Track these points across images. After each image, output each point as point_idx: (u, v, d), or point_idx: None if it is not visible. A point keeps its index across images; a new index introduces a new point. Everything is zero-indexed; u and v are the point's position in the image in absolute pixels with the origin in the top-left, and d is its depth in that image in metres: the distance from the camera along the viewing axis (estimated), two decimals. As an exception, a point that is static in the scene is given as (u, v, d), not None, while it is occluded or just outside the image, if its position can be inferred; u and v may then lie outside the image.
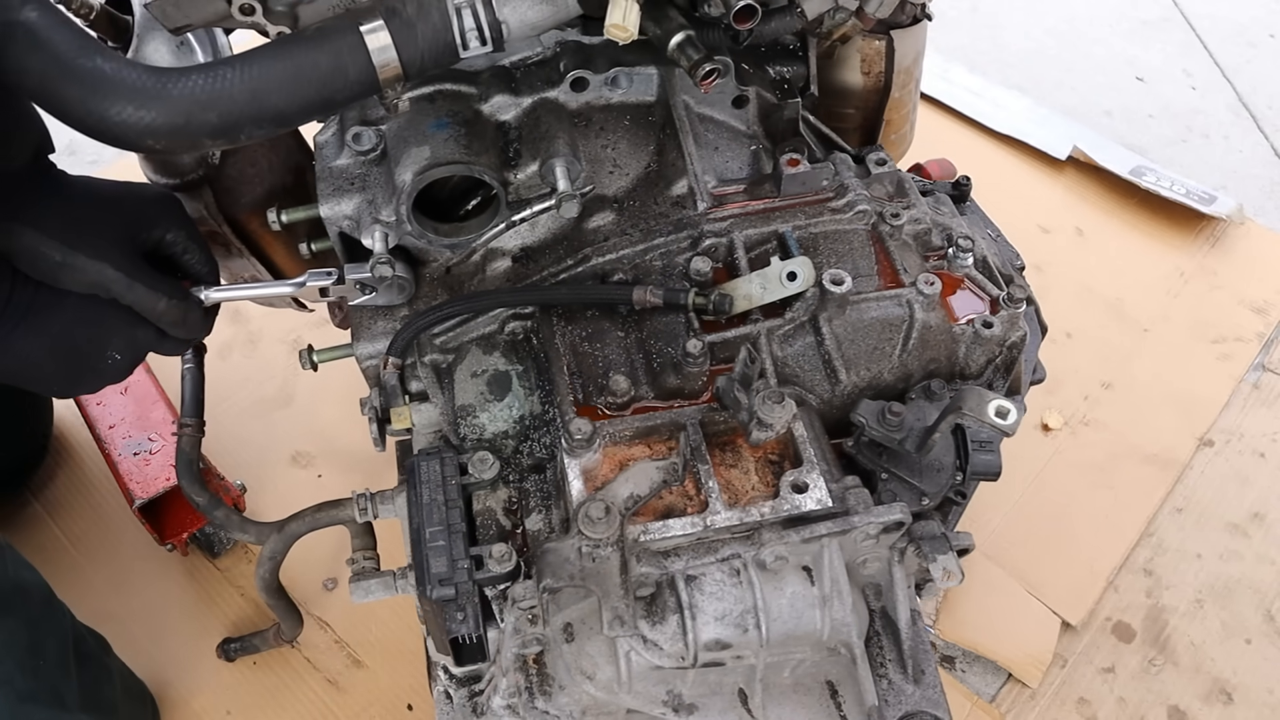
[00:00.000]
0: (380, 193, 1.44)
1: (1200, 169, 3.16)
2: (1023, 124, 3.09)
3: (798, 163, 1.47)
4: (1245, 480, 2.33)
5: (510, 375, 1.43)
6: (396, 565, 1.41)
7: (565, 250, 1.48)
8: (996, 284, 1.46)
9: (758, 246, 1.44)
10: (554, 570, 1.14)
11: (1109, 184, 2.95)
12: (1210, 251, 2.80)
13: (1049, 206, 2.91)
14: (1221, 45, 3.60)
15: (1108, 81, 3.45)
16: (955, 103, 3.15)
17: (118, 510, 2.10)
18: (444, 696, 1.43)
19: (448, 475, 1.30)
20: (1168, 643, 2.07)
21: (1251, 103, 3.39)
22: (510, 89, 1.45)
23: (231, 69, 1.13)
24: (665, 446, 1.27)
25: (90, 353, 1.36)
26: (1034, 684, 2.01)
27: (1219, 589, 2.15)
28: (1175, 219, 2.86)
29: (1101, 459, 2.35)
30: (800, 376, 1.37)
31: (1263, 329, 2.62)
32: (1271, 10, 3.76)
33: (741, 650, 1.18)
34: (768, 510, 1.18)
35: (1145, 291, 2.70)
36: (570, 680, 1.22)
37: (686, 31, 1.25)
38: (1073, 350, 2.53)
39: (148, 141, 1.12)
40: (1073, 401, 2.45)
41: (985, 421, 1.19)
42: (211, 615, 2.08)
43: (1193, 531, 2.24)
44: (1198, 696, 2.00)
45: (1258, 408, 2.47)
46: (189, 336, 1.44)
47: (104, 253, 1.29)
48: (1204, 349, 2.58)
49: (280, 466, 2.30)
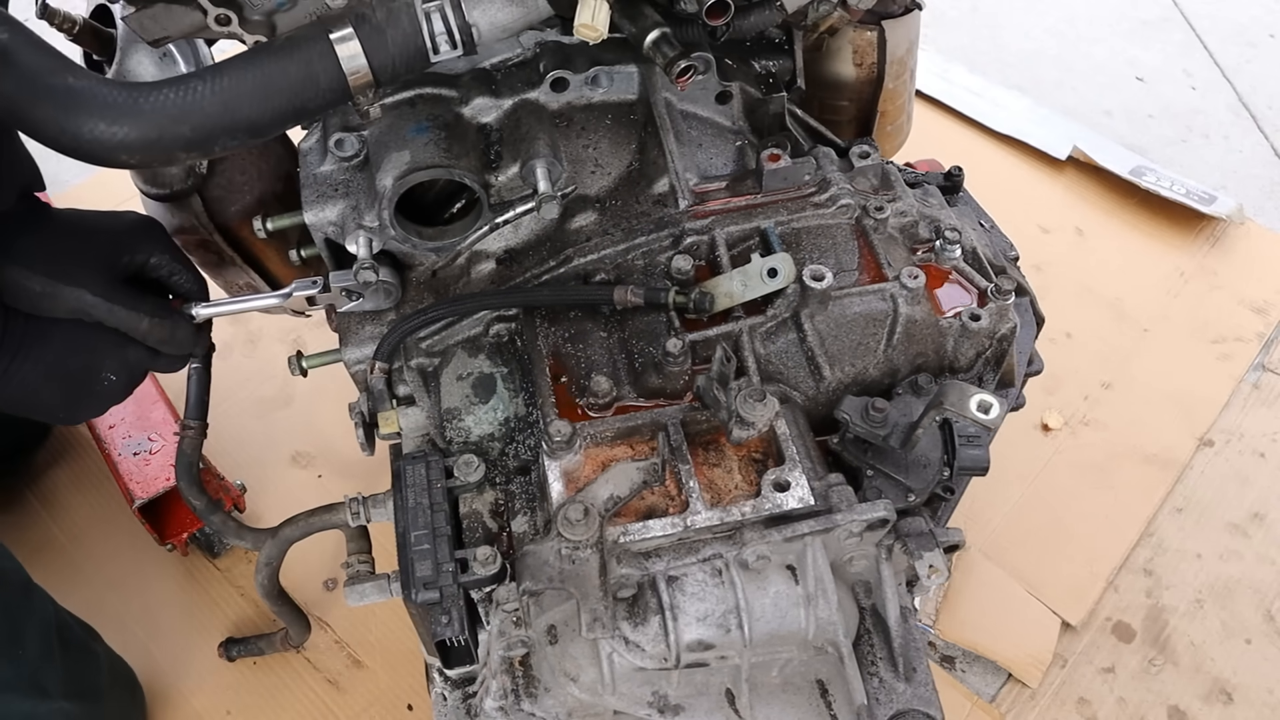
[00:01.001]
0: (363, 198, 1.44)
1: (1200, 169, 3.15)
2: (1023, 124, 3.09)
3: (779, 158, 1.47)
4: (1245, 480, 2.32)
5: (495, 378, 1.43)
6: (391, 568, 1.41)
7: (548, 251, 1.48)
8: (986, 276, 1.46)
9: (740, 244, 1.43)
10: (533, 573, 1.14)
11: (1109, 184, 2.94)
12: (1210, 251, 2.80)
13: (1049, 206, 2.90)
14: (1221, 45, 3.59)
15: (1108, 81, 3.44)
16: (955, 103, 3.15)
17: (118, 510, 2.10)
18: (440, 698, 1.43)
19: (433, 479, 1.31)
20: (1168, 643, 2.07)
21: (1251, 103, 3.38)
22: (491, 91, 1.45)
23: (202, 81, 1.13)
24: (648, 447, 1.27)
25: (85, 377, 1.39)
26: (1034, 684, 2.01)
27: (1219, 589, 2.14)
28: (1175, 219, 2.85)
29: (1101, 459, 2.34)
30: (784, 374, 1.36)
31: (1263, 329, 2.61)
32: (1271, 10, 3.74)
33: (725, 651, 1.17)
34: (749, 510, 1.18)
35: (1145, 291, 2.69)
36: (555, 682, 1.21)
37: (661, 29, 1.24)
38: (1073, 350, 2.53)
39: (121, 157, 1.12)
40: (1073, 401, 2.45)
41: (967, 416, 1.18)
42: (211, 615, 2.09)
43: (1193, 531, 2.23)
44: (1198, 696, 1.99)
45: (1258, 408, 2.46)
46: (179, 352, 1.46)
47: (82, 279, 1.32)
48: (1204, 349, 2.57)
49: (280, 467, 2.31)
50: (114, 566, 2.14)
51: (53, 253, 1.32)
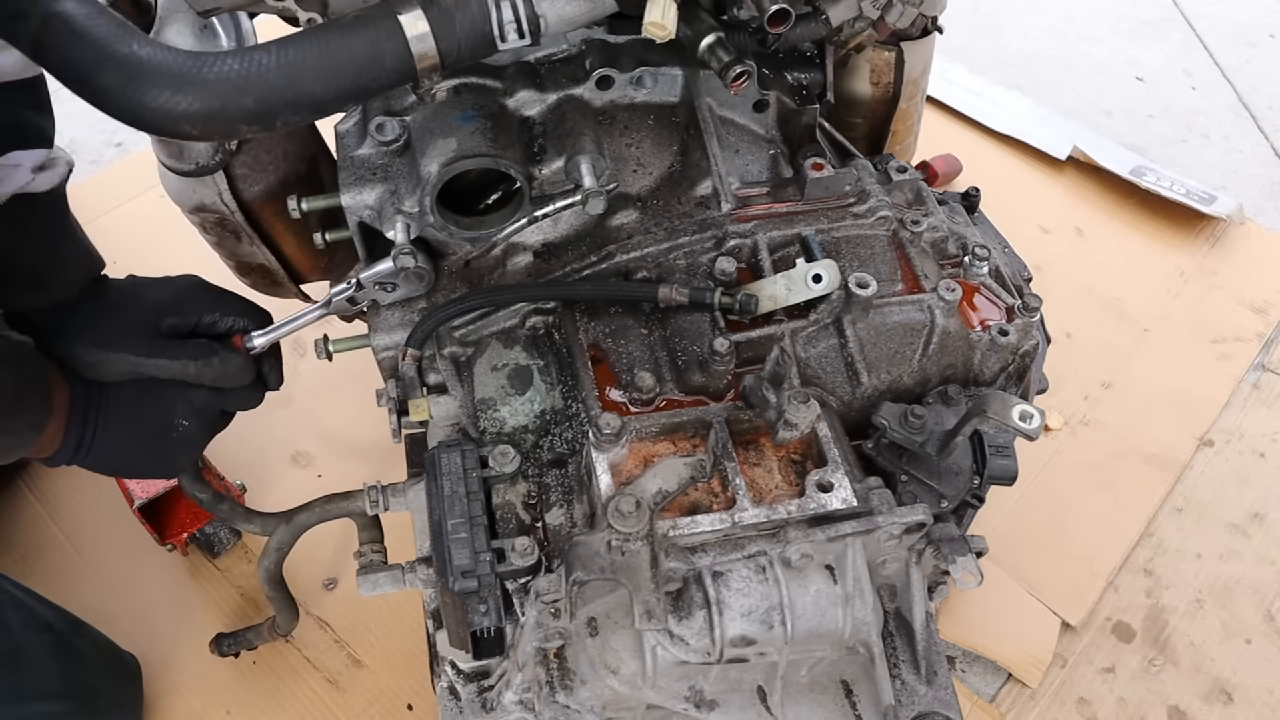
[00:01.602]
0: (403, 184, 1.44)
1: (1200, 169, 3.17)
2: (1023, 124, 3.09)
3: (822, 167, 1.49)
4: (1245, 480, 2.34)
5: (532, 370, 1.43)
6: (404, 559, 1.42)
7: (588, 247, 1.49)
8: (1010, 293, 1.48)
9: (781, 249, 1.45)
10: (585, 563, 1.15)
11: (1109, 184, 2.95)
12: (1210, 251, 2.81)
13: (1049, 206, 2.91)
14: (1221, 45, 3.61)
15: (1108, 81, 3.46)
16: (955, 103, 3.15)
17: (118, 510, 2.09)
18: (448, 693, 1.43)
19: (469, 467, 1.30)
20: (1168, 643, 2.09)
21: (1251, 103, 3.40)
22: (535, 85, 1.46)
23: (267, 54, 1.11)
24: (689, 444, 1.28)
25: (159, 429, 1.47)
26: (1034, 684, 2.02)
27: (1219, 589, 2.16)
28: (1175, 219, 2.87)
29: (1101, 459, 2.36)
30: (822, 378, 1.38)
31: (1263, 329, 2.63)
32: (1271, 10, 3.77)
33: (765, 647, 1.18)
34: (794, 508, 1.19)
35: (1145, 291, 2.70)
36: (593, 674, 1.22)
37: (717, 33, 1.26)
38: (1073, 350, 2.53)
39: (184, 127, 1.11)
40: (1073, 401, 2.46)
41: (1009, 425, 1.20)
42: (211, 615, 2.08)
43: (1193, 531, 2.25)
44: (1198, 696, 2.02)
45: (1258, 408, 2.48)
46: (239, 384, 1.52)
47: (125, 342, 1.42)
48: (1204, 349, 2.59)
49: (280, 466, 2.30)
50: (114, 566, 2.13)
51: (102, 323, 1.43)
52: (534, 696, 1.29)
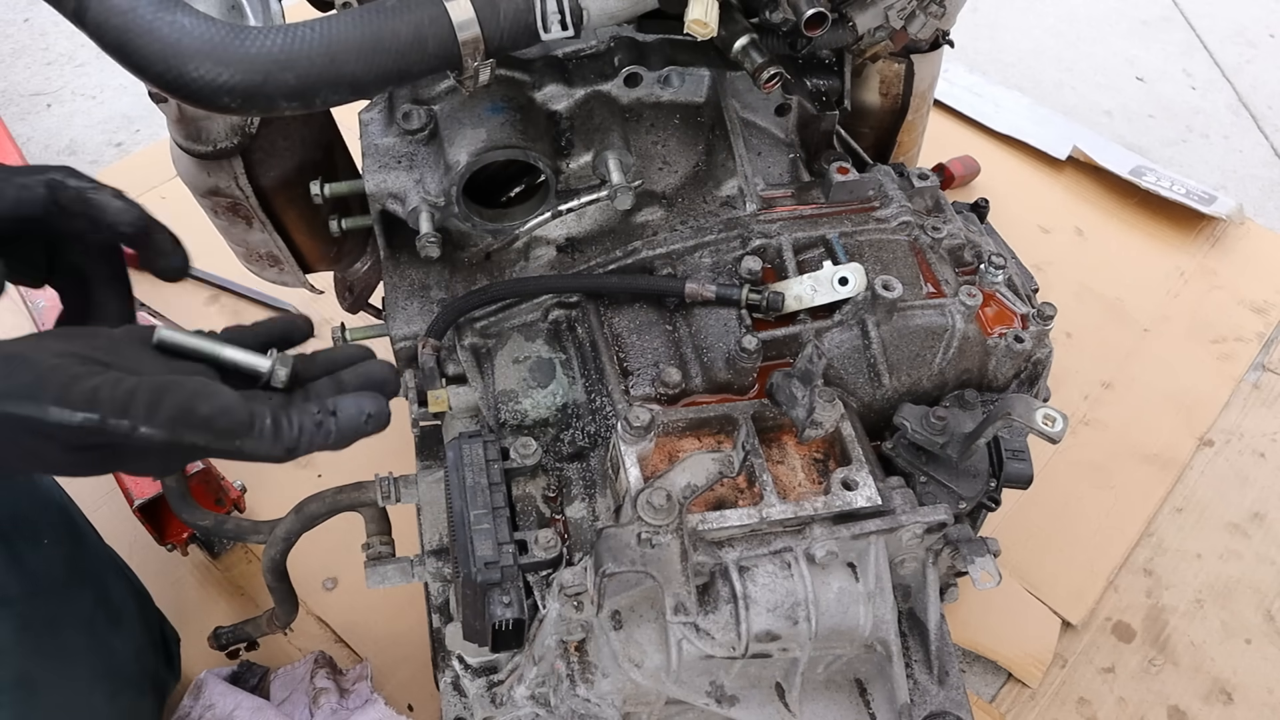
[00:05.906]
0: (428, 172, 1.44)
1: (1200, 169, 3.18)
2: (1023, 124, 3.09)
3: (847, 171, 1.51)
4: (1245, 480, 2.35)
5: (554, 363, 1.44)
6: (411, 553, 1.43)
7: (612, 242, 1.50)
8: (1024, 301, 1.50)
9: (805, 250, 1.46)
10: (615, 555, 1.15)
11: (1109, 184, 2.96)
12: (1210, 251, 2.82)
13: (1049, 206, 2.91)
14: (1221, 45, 3.62)
15: (1108, 81, 3.46)
16: (955, 103, 3.14)
17: (118, 510, 2.07)
18: (452, 687, 1.43)
19: (491, 458, 1.29)
20: (1168, 643, 2.09)
21: (1251, 103, 3.41)
22: (563, 80, 1.46)
23: (311, 30, 1.12)
24: (714, 439, 1.29)
25: None
26: (1034, 684, 2.03)
27: (1219, 589, 2.17)
28: (1175, 219, 2.87)
29: (1101, 459, 2.36)
30: (844, 378, 1.39)
31: (1263, 329, 2.64)
32: (1271, 10, 3.78)
33: (789, 643, 1.19)
34: (820, 505, 1.20)
35: (1145, 291, 2.71)
36: (615, 668, 1.23)
37: (751, 35, 1.27)
38: (1073, 350, 2.54)
39: (224, 100, 1.11)
40: (1073, 401, 2.47)
41: (1033, 428, 1.22)
42: (212, 615, 2.05)
43: (1193, 531, 2.26)
44: (1198, 696, 2.02)
45: (1258, 408, 2.49)
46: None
47: None
48: (1204, 349, 2.60)
49: (280, 466, 2.27)
50: (113, 566, 2.11)
51: None
52: (549, 690, 1.29)
